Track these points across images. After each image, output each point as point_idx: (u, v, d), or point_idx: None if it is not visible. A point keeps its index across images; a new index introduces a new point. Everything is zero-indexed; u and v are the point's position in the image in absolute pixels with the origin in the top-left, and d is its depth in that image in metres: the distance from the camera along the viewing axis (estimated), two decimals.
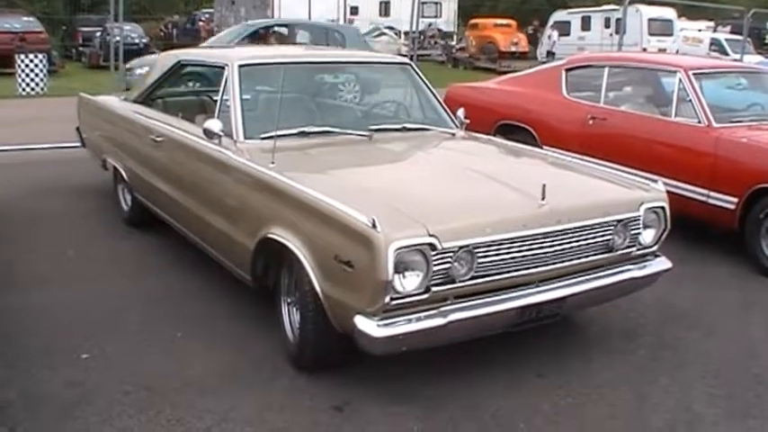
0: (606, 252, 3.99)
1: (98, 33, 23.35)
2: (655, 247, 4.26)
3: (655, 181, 4.37)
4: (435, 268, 3.37)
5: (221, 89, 4.78)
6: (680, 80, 6.46)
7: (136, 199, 6.05)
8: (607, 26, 25.44)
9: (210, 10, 30.62)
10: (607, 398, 3.81)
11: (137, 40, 22.68)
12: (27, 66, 15.46)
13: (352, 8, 26.96)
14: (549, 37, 27.65)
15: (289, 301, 4.01)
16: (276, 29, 15.65)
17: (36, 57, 15.64)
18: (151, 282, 5.14)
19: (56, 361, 3.96)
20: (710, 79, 6.69)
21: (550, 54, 25.41)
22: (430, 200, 3.78)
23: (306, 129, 4.68)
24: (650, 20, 25.25)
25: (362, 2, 30.07)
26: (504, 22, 30.74)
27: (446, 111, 5.45)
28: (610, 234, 3.97)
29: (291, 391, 3.76)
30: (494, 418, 3.58)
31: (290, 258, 3.78)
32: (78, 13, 29.02)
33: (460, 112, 5.38)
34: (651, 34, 25.10)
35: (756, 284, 5.58)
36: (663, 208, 4.21)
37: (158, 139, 5.32)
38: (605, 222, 3.94)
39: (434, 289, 3.40)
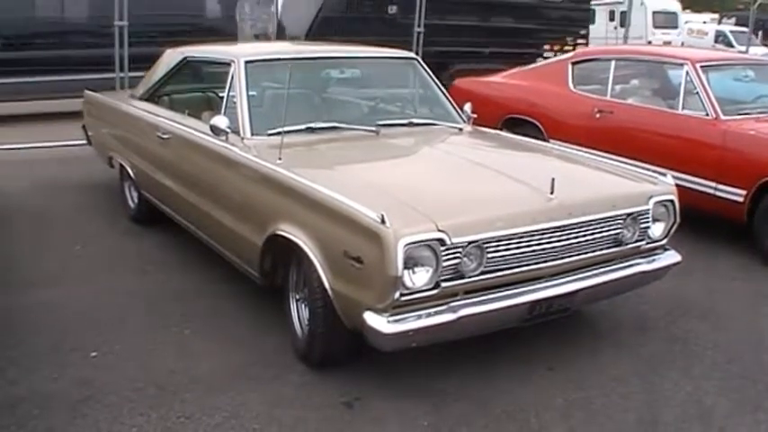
0: (615, 246, 3.98)
1: None
2: (664, 241, 4.25)
3: (663, 174, 4.35)
4: (445, 263, 3.36)
5: (228, 85, 4.77)
6: (687, 73, 6.43)
7: (142, 196, 6.05)
8: (612, 19, 25.31)
9: None
10: (618, 391, 3.80)
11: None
12: None
13: None
14: None
15: (297, 297, 4.01)
16: None
17: None
18: (159, 279, 5.14)
19: (65, 359, 3.96)
20: (717, 71, 6.65)
21: None
22: (439, 195, 3.77)
23: (312, 124, 4.67)
24: (655, 12, 25.17)
25: None
26: None
27: (453, 105, 5.44)
28: (619, 228, 3.95)
29: (301, 387, 3.76)
30: (505, 412, 3.57)
31: (299, 255, 3.77)
32: None
33: (467, 107, 5.37)
34: (656, 27, 25.03)
35: (765, 276, 5.57)
36: (672, 201, 4.19)
37: (165, 136, 5.32)
38: (614, 216, 3.92)
39: (444, 284, 3.39)
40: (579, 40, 15.67)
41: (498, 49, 13.52)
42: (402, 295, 3.29)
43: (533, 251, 3.64)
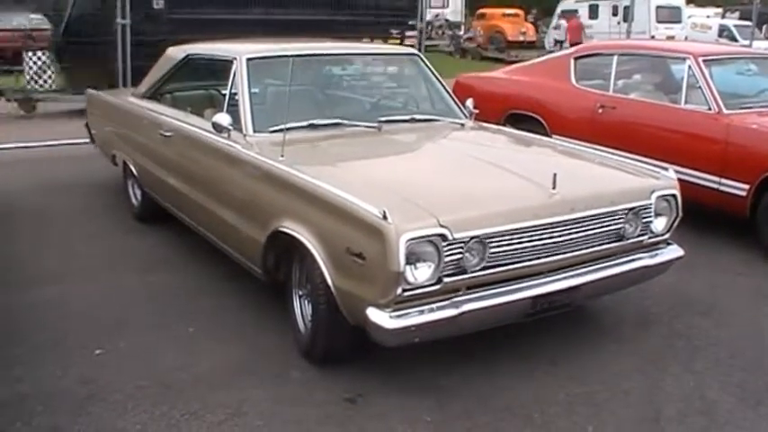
0: (618, 241, 3.98)
1: None
2: (666, 235, 4.24)
3: (666, 169, 4.35)
4: (447, 259, 3.36)
5: (230, 83, 4.78)
6: (689, 67, 6.42)
7: (146, 194, 6.06)
8: (615, 14, 25.25)
9: None
10: (621, 386, 3.80)
11: None
12: (35, 63, 15.47)
13: None
14: (556, 27, 27.42)
15: (300, 293, 4.01)
16: None
17: (44, 54, 15.64)
18: (162, 276, 5.14)
19: (69, 357, 3.97)
20: (720, 65, 6.64)
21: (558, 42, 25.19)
22: (440, 190, 3.77)
23: (315, 121, 4.67)
24: (658, 7, 25.08)
25: None
26: (512, 11, 30.69)
27: (455, 101, 5.44)
28: (621, 222, 3.95)
29: (303, 383, 3.76)
30: (508, 407, 3.57)
31: (302, 251, 3.78)
32: None
33: (469, 103, 5.37)
34: (659, 21, 24.94)
35: None
36: (674, 196, 4.19)
37: (167, 133, 5.33)
38: (616, 211, 3.92)
39: (446, 280, 3.40)
40: (408, 32, 13.72)
41: None
42: (404, 291, 3.29)
43: (535, 246, 3.64)
